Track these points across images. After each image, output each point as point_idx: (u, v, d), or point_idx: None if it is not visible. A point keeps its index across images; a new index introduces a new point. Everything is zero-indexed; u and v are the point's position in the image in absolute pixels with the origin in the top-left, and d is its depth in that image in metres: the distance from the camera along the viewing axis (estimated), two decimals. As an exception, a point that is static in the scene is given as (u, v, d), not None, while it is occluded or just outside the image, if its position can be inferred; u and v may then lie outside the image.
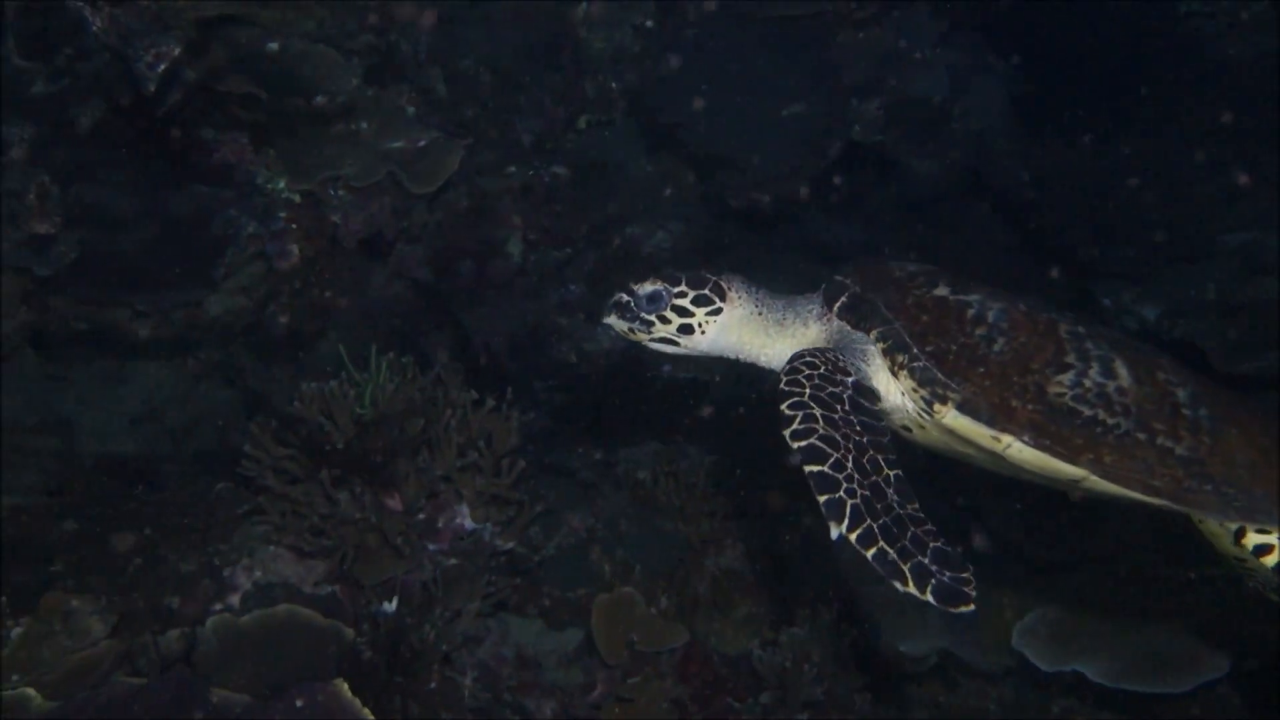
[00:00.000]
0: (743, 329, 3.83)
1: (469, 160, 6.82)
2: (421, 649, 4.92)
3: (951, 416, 3.44)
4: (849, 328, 3.71)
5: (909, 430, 3.72)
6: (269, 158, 6.16)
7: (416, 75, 7.19)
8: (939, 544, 3.14)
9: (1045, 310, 3.63)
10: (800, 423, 3.34)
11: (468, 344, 6.32)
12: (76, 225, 5.68)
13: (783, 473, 6.45)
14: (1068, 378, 3.43)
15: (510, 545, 5.37)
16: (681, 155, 8.20)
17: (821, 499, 3.23)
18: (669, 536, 5.90)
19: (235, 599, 5.06)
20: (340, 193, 6.31)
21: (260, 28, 6.42)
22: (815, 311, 3.82)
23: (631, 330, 3.80)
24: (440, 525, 5.19)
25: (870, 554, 3.15)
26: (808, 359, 3.57)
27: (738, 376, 6.67)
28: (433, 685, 4.95)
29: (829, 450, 3.28)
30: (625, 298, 3.79)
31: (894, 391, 3.60)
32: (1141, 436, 3.39)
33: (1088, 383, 3.43)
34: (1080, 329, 3.57)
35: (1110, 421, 3.40)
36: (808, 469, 3.25)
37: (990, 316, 3.54)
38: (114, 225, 5.73)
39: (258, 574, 5.11)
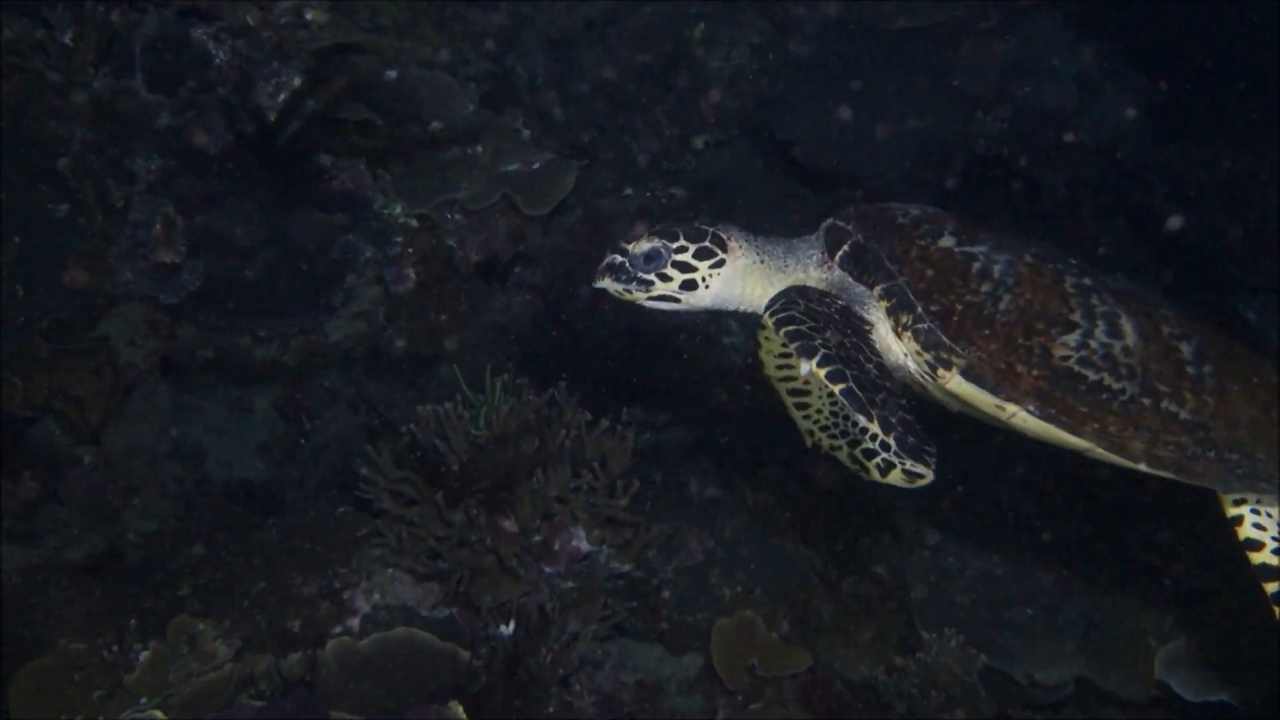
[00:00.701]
0: (746, 279, 3.72)
1: (585, 182, 6.82)
2: (539, 672, 4.86)
3: (956, 383, 3.35)
4: (850, 280, 3.61)
5: (909, 388, 3.63)
6: (386, 183, 6.23)
7: (533, 99, 7.23)
8: (909, 416, 3.17)
9: (1052, 259, 3.50)
10: (783, 309, 3.39)
11: (584, 365, 6.28)
12: (200, 254, 5.81)
13: (910, 497, 6.33)
14: (1073, 338, 3.33)
15: (627, 568, 5.29)
16: (799, 173, 8.10)
17: (793, 345, 3.27)
18: (790, 560, 5.78)
19: (354, 622, 5.06)
20: (456, 216, 6.34)
21: (378, 56, 6.52)
22: (816, 258, 3.72)
23: (628, 290, 3.68)
24: (556, 547, 5.13)
25: (839, 389, 3.16)
26: (798, 289, 3.54)
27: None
28: (550, 710, 4.88)
29: (807, 319, 3.32)
30: (619, 258, 3.67)
31: (896, 350, 3.51)
32: (1147, 401, 3.30)
33: (1093, 343, 3.33)
34: (1086, 280, 3.45)
35: (1116, 386, 3.30)
36: (783, 330, 3.29)
37: (996, 271, 3.42)
38: (236, 253, 5.85)
39: (376, 597, 5.11)
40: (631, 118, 7.76)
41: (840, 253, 3.62)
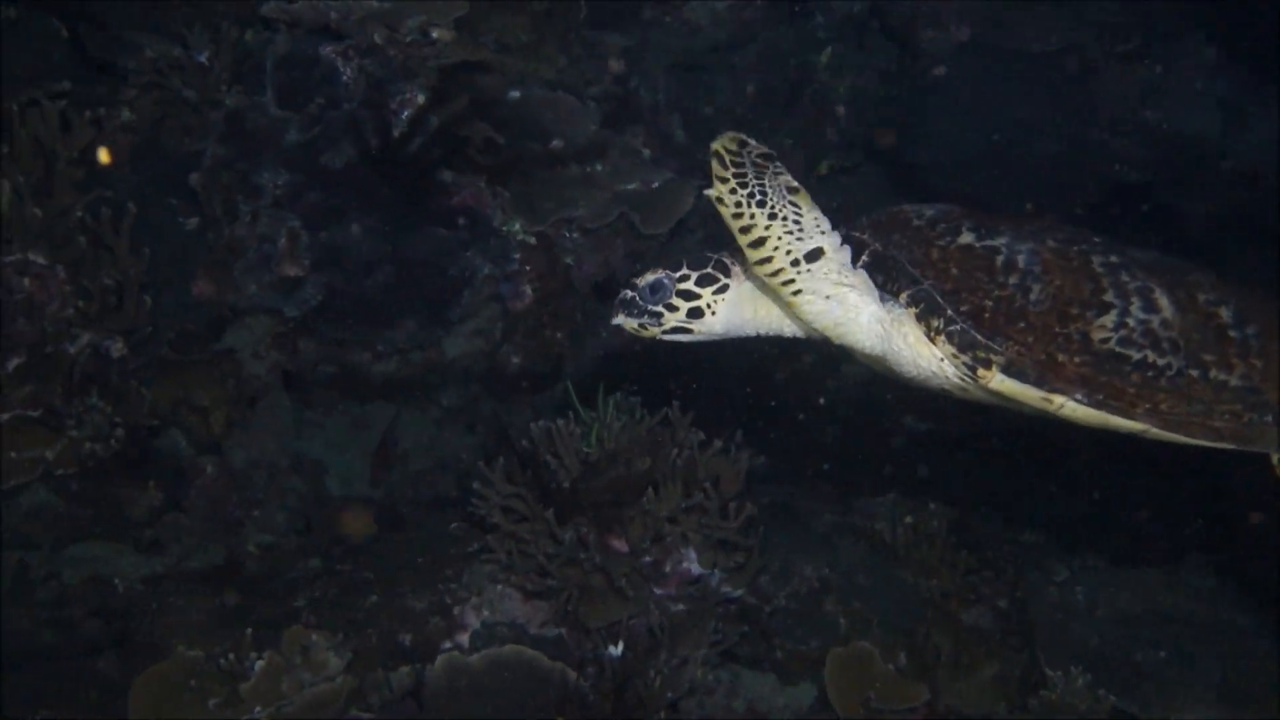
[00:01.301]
0: (756, 301, 3.66)
1: (707, 204, 6.75)
2: (647, 696, 4.79)
3: (998, 381, 3.27)
4: (880, 288, 3.48)
5: (949, 393, 3.56)
6: (505, 200, 6.25)
7: (654, 121, 7.22)
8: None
9: (1076, 241, 3.42)
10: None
11: (698, 385, 6.21)
12: (323, 268, 5.89)
13: (1031, 531, 6.14)
14: (1110, 319, 3.25)
15: (739, 593, 5.18)
16: (927, 198, 7.93)
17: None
18: (909, 590, 5.61)
19: (464, 637, 5.05)
20: (574, 235, 6.34)
21: (503, 75, 6.57)
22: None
23: (643, 326, 3.67)
24: (667, 569, 5.06)
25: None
26: None
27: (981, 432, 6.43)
28: (658, 734, 4.81)
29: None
30: (629, 294, 3.66)
31: (930, 357, 3.42)
32: (1195, 373, 3.22)
33: (1131, 321, 3.25)
34: (1114, 258, 3.36)
35: (1161, 362, 3.23)
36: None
37: (1021, 261, 3.33)
38: (358, 268, 5.92)
39: (486, 613, 5.10)
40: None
41: (860, 263, 3.51)
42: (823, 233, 3.33)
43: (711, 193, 3.26)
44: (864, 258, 3.51)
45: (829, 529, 5.92)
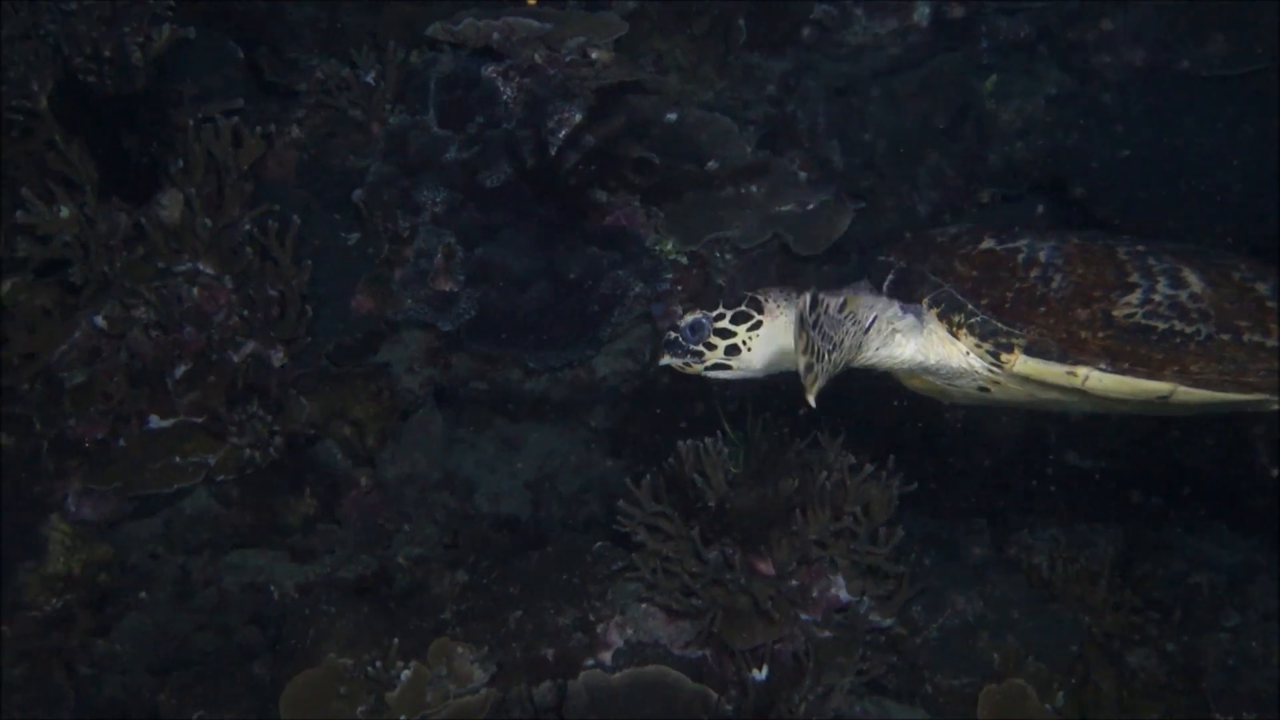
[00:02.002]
0: (790, 336, 3.72)
1: (863, 228, 6.67)
2: (791, 722, 4.70)
3: (1021, 363, 3.40)
4: (901, 303, 3.65)
5: (986, 390, 3.69)
6: (659, 220, 6.24)
7: (812, 145, 7.15)
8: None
9: (1105, 238, 3.55)
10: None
11: (849, 407, 6.10)
12: (477, 284, 5.95)
13: (1201, 573, 5.86)
14: (1135, 297, 3.36)
15: (889, 622, 5.05)
16: (1094, 229, 7.68)
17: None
18: (1068, 628, 5.39)
19: (607, 655, 5.02)
20: (727, 255, 6.30)
21: (660, 97, 6.59)
22: (865, 298, 3.72)
23: (686, 364, 3.87)
24: (814, 594, 4.95)
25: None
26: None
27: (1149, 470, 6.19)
28: (801, 763, 4.70)
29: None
30: (673, 334, 3.86)
31: (957, 354, 3.58)
32: (1226, 337, 3.30)
33: (1157, 297, 3.35)
34: (1141, 247, 3.49)
35: (1189, 330, 3.31)
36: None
37: (1042, 256, 3.49)
38: (511, 284, 5.96)
39: (629, 632, 5.06)
40: (914, 167, 7.57)
41: (887, 282, 3.70)
42: (871, 308, 3.58)
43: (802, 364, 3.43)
44: (890, 276, 3.70)
45: (983, 562, 5.74)
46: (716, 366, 3.86)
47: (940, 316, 3.53)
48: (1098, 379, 3.33)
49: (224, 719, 5.16)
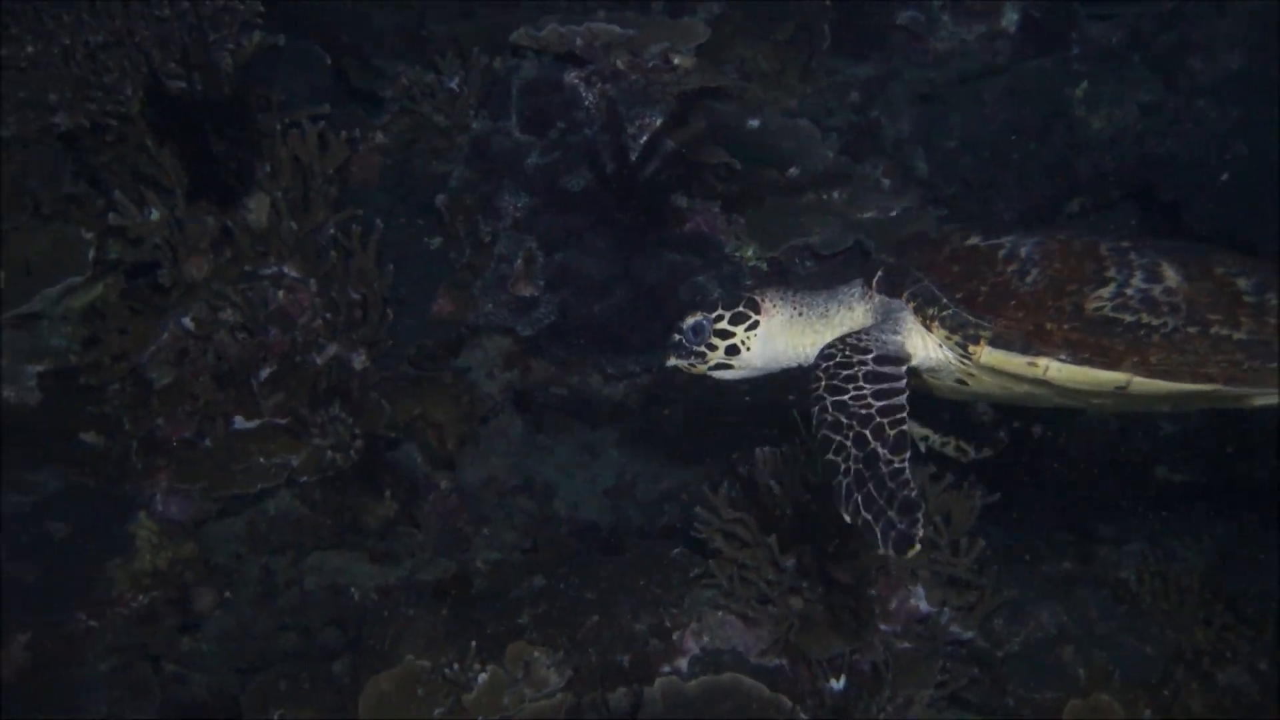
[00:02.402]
0: (788, 333, 3.97)
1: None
2: (868, 733, 4.64)
3: (986, 354, 3.49)
4: (887, 298, 3.77)
5: (964, 383, 3.79)
6: (739, 226, 6.22)
7: (896, 152, 7.08)
8: (907, 493, 3.18)
9: (1089, 235, 3.62)
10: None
11: (931, 415, 6.02)
12: (557, 289, 5.97)
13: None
14: (1108, 290, 3.45)
15: (970, 634, 4.97)
16: (1183, 239, 7.51)
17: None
18: (1155, 644, 5.26)
19: (683, 662, 5.00)
20: (808, 262, 6.26)
21: (743, 103, 6.57)
22: (858, 294, 3.90)
23: (692, 365, 4.00)
24: (893, 605, 4.89)
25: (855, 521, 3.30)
26: (827, 351, 3.65)
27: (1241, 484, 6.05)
28: (878, 775, 4.64)
29: (833, 436, 3.42)
30: (677, 336, 4.00)
31: (931, 346, 3.69)
32: (1193, 330, 3.38)
33: (1130, 290, 3.44)
34: (1125, 244, 3.57)
35: (1156, 322, 3.40)
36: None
37: (1023, 251, 3.59)
38: (590, 290, 5.97)
39: (705, 639, 5.03)
40: (1001, 175, 7.45)
41: (876, 278, 3.80)
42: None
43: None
44: (879, 273, 3.81)
45: (1067, 575, 5.62)
46: (719, 366, 4.01)
47: (916, 311, 3.64)
48: (1057, 369, 3.42)
49: (304, 718, 5.21)
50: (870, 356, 3.57)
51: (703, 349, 3.96)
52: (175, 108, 5.58)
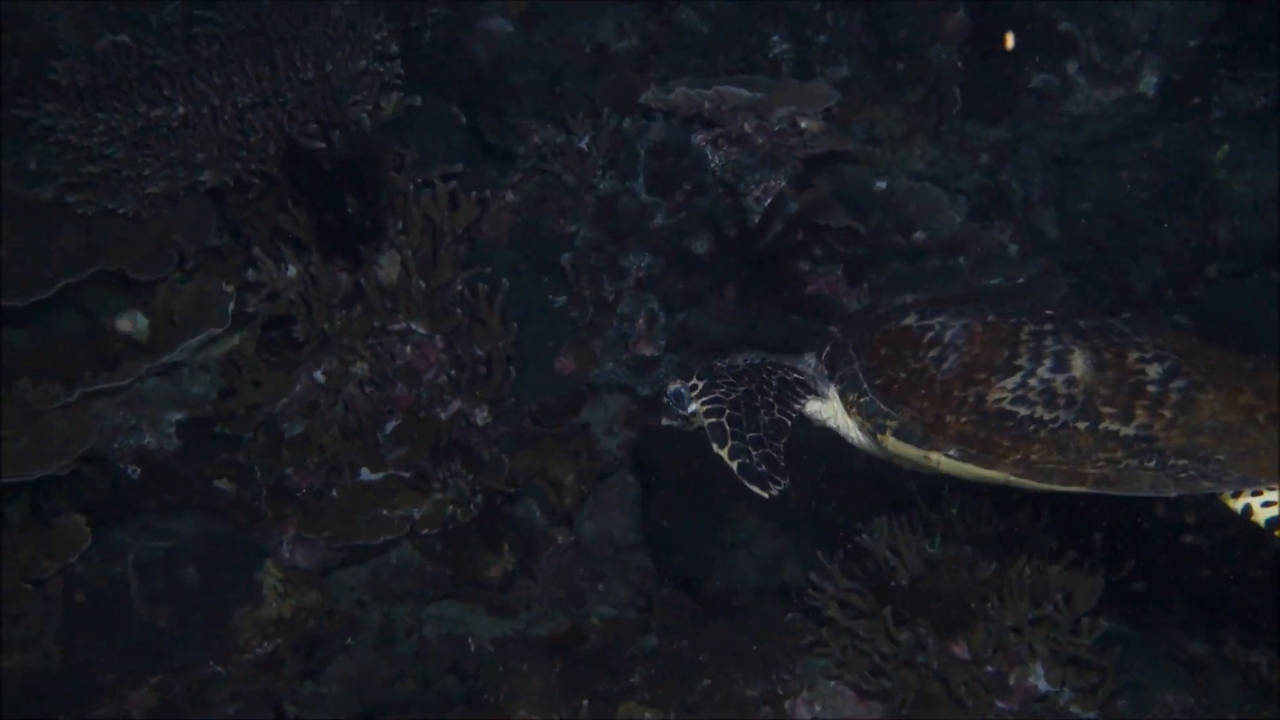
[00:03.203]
0: None
1: (1073, 301, 6.47)
2: (982, 815, 4.54)
3: (891, 442, 3.67)
4: (828, 373, 4.00)
5: (895, 462, 3.93)
6: (862, 291, 6.20)
7: (1025, 215, 6.99)
8: (770, 451, 3.79)
9: (1021, 315, 3.69)
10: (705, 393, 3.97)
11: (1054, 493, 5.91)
12: (677, 349, 6.01)
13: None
14: (1013, 380, 3.51)
15: (1091, 716, 4.83)
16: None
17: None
18: (1287, 733, 5.07)
19: (794, 731, 4.96)
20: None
21: (869, 166, 6.56)
22: (812, 365, 4.11)
23: (686, 423, 4.22)
24: (1011, 682, 4.78)
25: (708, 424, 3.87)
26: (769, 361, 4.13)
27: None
28: None
29: (723, 400, 3.90)
30: (666, 399, 4.21)
31: (853, 427, 3.91)
32: (1082, 425, 3.39)
33: (1033, 381, 3.48)
34: (1048, 327, 3.60)
35: (1048, 416, 3.43)
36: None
37: (948, 336, 3.68)
38: (711, 351, 5.99)
39: (818, 708, 4.98)
40: (1134, 239, 7.30)
41: (824, 354, 4.04)
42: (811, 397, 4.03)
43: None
44: (827, 349, 4.03)
45: (1195, 658, 5.44)
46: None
47: (840, 395, 3.89)
48: (948, 463, 3.54)
49: (418, 767, 5.29)
50: (793, 378, 4.00)
51: (688, 414, 4.17)
52: (312, 167, 5.77)
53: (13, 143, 6.20)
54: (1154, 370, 3.45)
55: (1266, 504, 3.37)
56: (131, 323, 6.14)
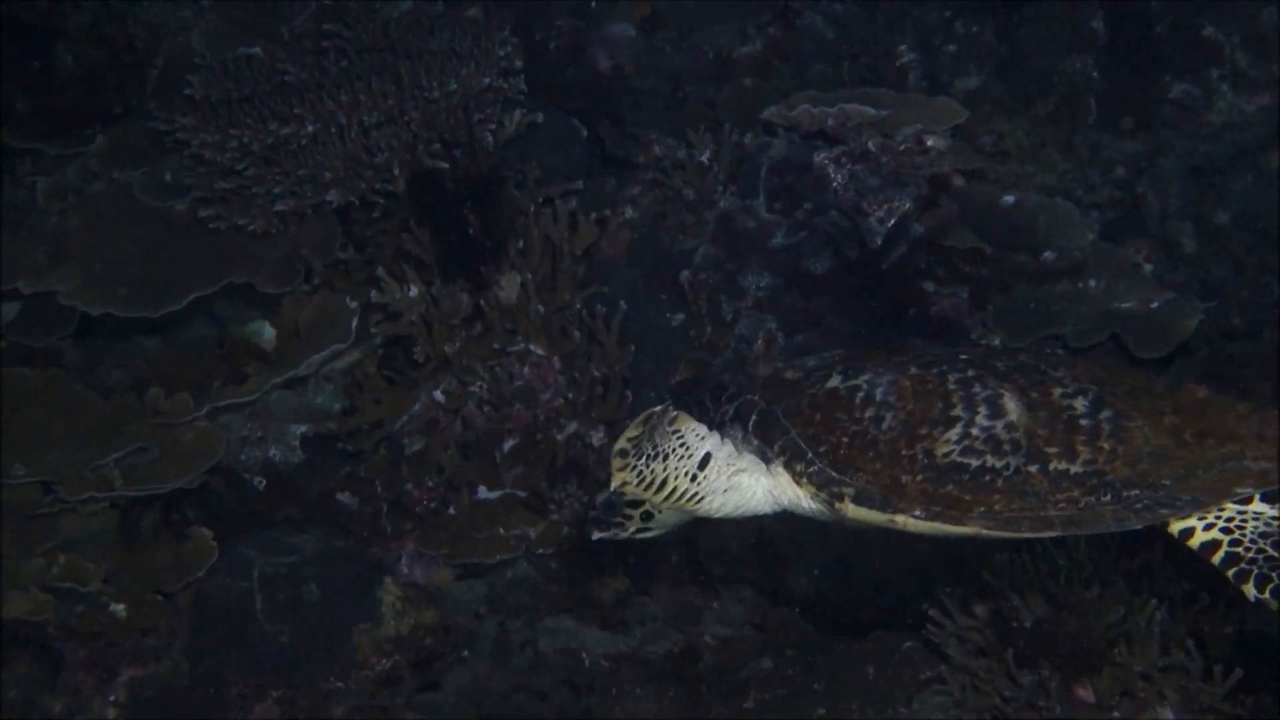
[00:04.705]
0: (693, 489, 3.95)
1: (1211, 325, 6.25)
2: None
3: (852, 510, 3.47)
4: (763, 445, 3.74)
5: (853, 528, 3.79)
6: (986, 314, 6.07)
7: (1161, 230, 6.77)
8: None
9: (939, 363, 3.60)
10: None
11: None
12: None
13: None
14: (954, 432, 3.41)
15: (1221, 767, 4.67)
16: None
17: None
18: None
19: (907, 770, 4.88)
20: (1058, 352, 6.04)
21: (997, 181, 6.41)
22: (740, 436, 3.82)
23: (616, 535, 4.04)
24: (1140, 729, 4.65)
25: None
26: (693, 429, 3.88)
27: None
28: None
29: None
30: (593, 512, 4.03)
31: (805, 498, 3.67)
32: (1033, 469, 3.34)
33: (974, 430, 3.40)
34: (971, 373, 3.53)
35: (999, 464, 3.35)
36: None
37: (879, 394, 3.56)
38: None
39: (935, 747, 4.90)
40: (1276, 255, 7.03)
41: (751, 423, 3.77)
42: (702, 438, 3.81)
43: (615, 486, 3.92)
44: (753, 418, 3.75)
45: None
46: (641, 530, 4.06)
47: (785, 466, 3.64)
48: (915, 525, 3.40)
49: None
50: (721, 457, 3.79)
51: (620, 520, 4.03)
52: (435, 187, 5.82)
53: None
54: (1080, 404, 3.42)
55: (1208, 526, 3.34)
56: (259, 334, 6.30)
